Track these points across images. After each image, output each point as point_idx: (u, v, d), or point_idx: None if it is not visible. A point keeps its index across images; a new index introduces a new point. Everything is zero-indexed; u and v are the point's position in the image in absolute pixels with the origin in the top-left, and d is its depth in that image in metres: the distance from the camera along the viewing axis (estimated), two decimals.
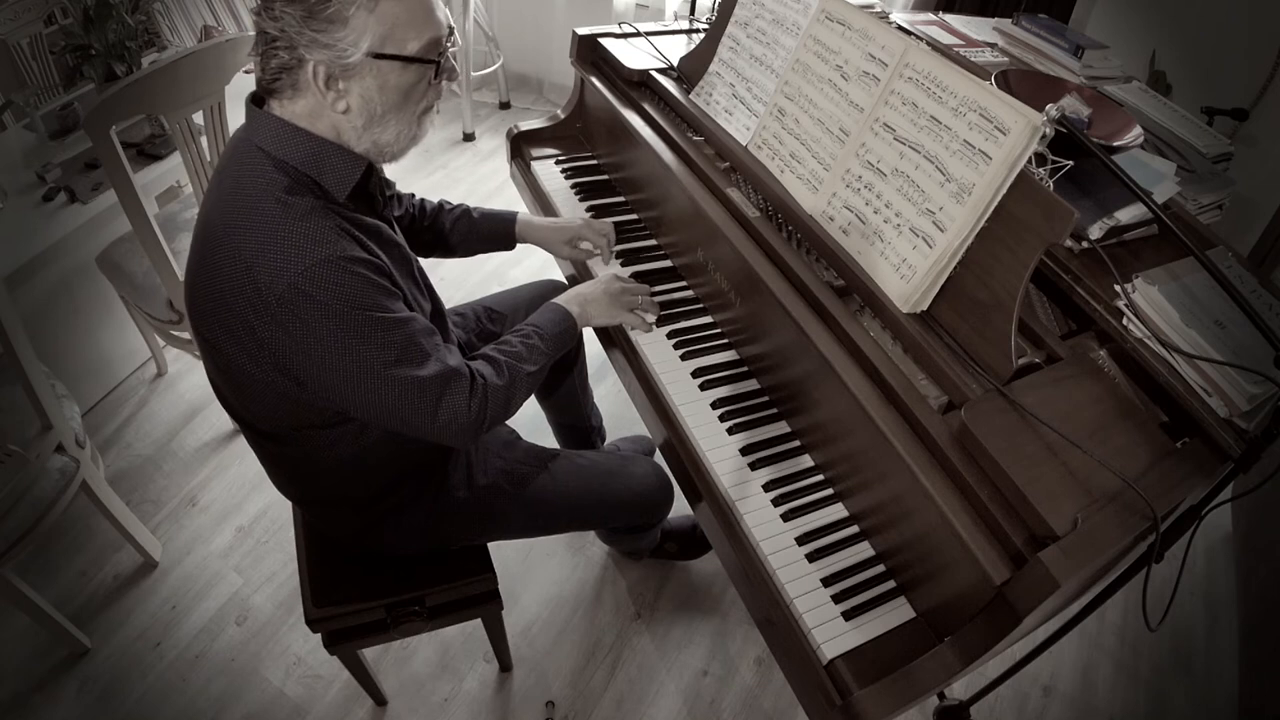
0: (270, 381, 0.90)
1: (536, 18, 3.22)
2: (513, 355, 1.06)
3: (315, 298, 0.83)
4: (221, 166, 0.92)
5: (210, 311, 0.88)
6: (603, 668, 1.57)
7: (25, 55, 1.80)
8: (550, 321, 1.15)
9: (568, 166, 1.67)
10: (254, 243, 0.83)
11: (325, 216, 0.87)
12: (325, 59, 0.84)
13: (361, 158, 0.93)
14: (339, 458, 1.04)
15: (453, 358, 0.97)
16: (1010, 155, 0.90)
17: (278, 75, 0.86)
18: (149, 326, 1.92)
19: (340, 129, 0.90)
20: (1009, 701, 1.58)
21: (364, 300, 0.86)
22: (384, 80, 0.88)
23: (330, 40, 0.83)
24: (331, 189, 0.90)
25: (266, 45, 0.85)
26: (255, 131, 0.89)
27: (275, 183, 0.86)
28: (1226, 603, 1.82)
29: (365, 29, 0.83)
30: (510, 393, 1.03)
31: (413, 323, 0.92)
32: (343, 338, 0.86)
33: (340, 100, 0.88)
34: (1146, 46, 2.29)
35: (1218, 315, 0.98)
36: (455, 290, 2.43)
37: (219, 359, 0.92)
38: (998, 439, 0.86)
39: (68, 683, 1.49)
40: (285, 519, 1.78)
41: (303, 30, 0.82)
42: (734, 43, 1.37)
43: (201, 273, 0.88)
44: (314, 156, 0.89)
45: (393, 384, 0.90)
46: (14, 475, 1.30)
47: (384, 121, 0.91)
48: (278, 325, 0.84)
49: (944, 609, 0.93)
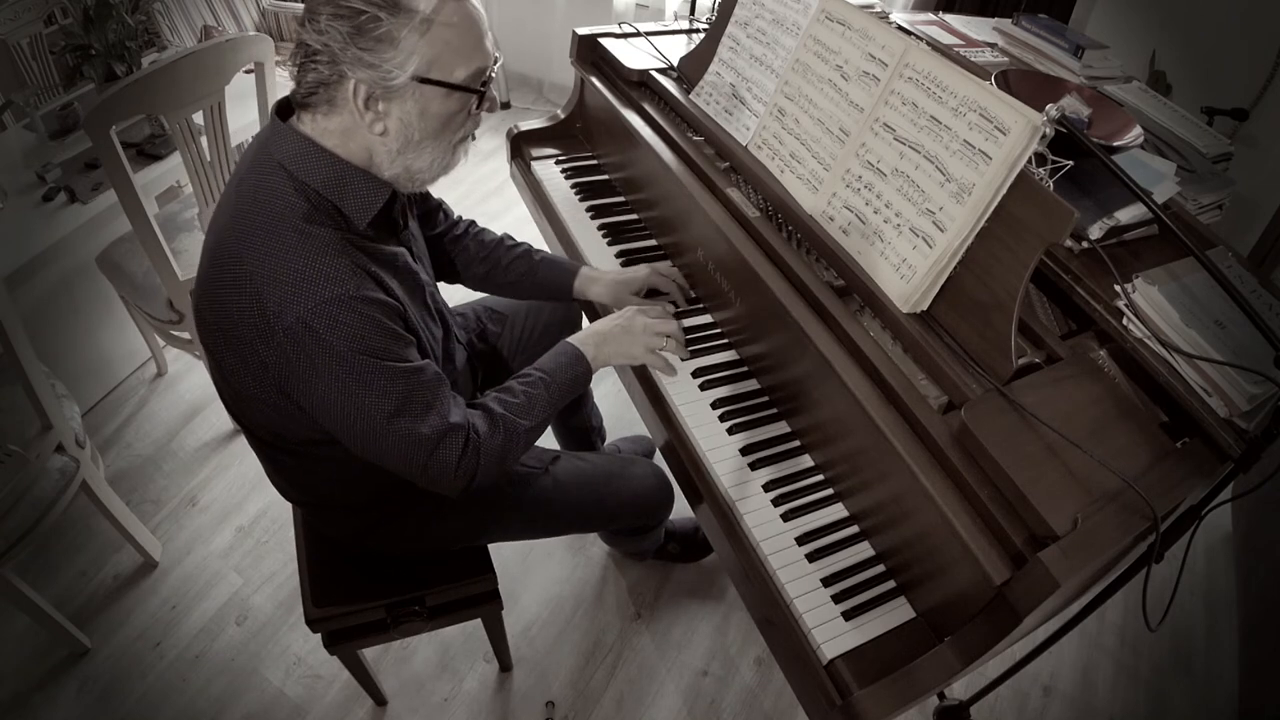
0: (271, 400, 0.90)
1: (536, 18, 3.22)
2: (512, 408, 1.01)
3: (322, 336, 0.81)
4: (240, 176, 0.89)
5: (216, 327, 0.87)
6: (603, 668, 1.57)
7: (25, 55, 1.80)
8: (560, 366, 1.08)
9: (568, 166, 1.67)
10: (267, 270, 0.81)
11: (343, 252, 0.84)
12: (368, 78, 0.81)
13: (386, 184, 0.90)
14: (339, 465, 1.03)
15: (455, 413, 0.93)
16: (1010, 155, 0.90)
17: (315, 89, 0.84)
18: (149, 326, 1.92)
19: (373, 151, 0.88)
20: (1009, 701, 1.58)
21: (371, 345, 0.84)
22: (425, 106, 0.85)
23: (376, 60, 0.80)
24: (352, 215, 0.88)
25: (306, 57, 0.82)
26: (279, 146, 0.87)
27: (295, 208, 0.84)
28: (1226, 603, 1.82)
29: (414, 52, 0.81)
30: (505, 450, 0.98)
31: (420, 374, 0.89)
32: (345, 380, 0.84)
33: (378, 122, 0.85)
34: (1146, 46, 2.29)
35: (1218, 315, 0.98)
36: (456, 290, 2.43)
37: (222, 368, 0.92)
38: (998, 439, 0.86)
39: (68, 683, 1.49)
40: (285, 519, 1.78)
41: (348, 46, 0.80)
42: (734, 43, 1.37)
43: (211, 287, 0.86)
44: (337, 181, 0.87)
45: (387, 434, 0.88)
46: (14, 475, 1.30)
47: (420, 148, 0.89)
48: (281, 355, 0.83)
49: (944, 609, 0.93)
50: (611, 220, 1.54)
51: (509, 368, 1.43)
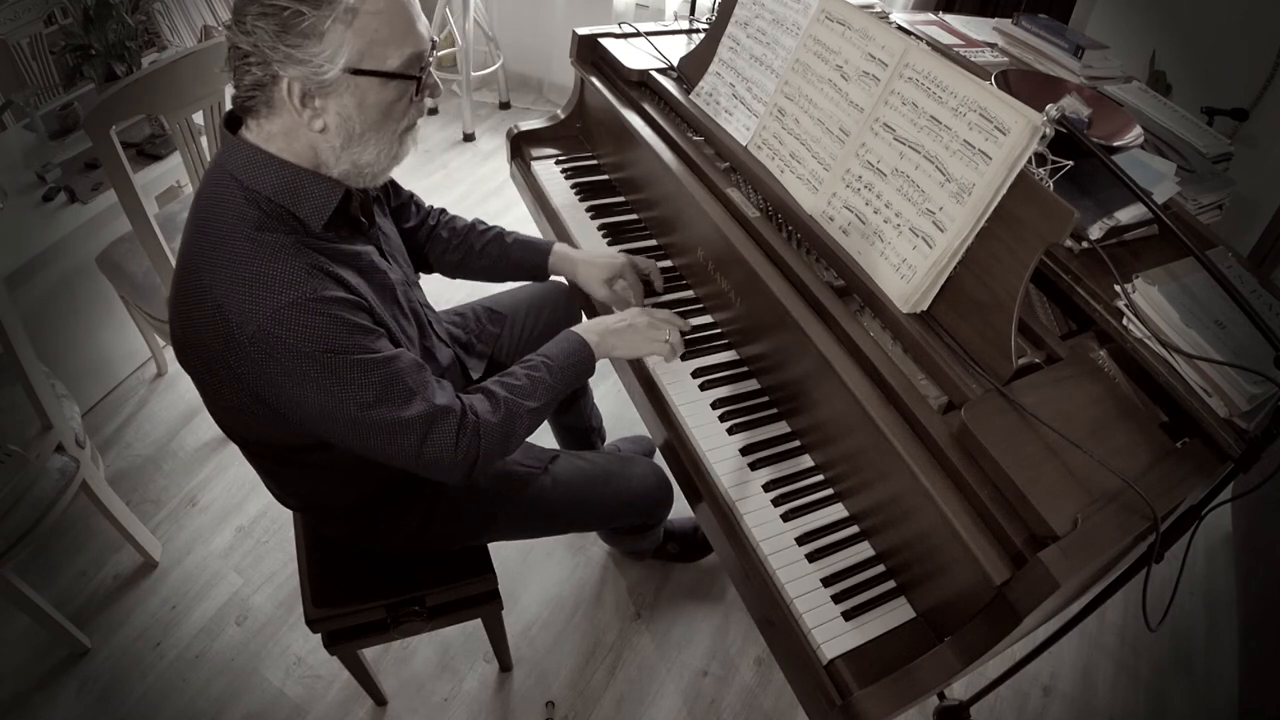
0: (254, 411, 0.90)
1: (536, 18, 3.22)
2: (514, 390, 1.01)
3: (285, 340, 0.81)
4: (199, 192, 0.90)
5: (187, 344, 0.87)
6: (603, 668, 1.57)
7: (25, 55, 1.80)
8: (563, 352, 1.08)
9: (568, 166, 1.67)
10: (224, 282, 0.81)
11: (297, 254, 0.84)
12: (300, 75, 0.80)
13: (338, 183, 0.90)
14: (333, 469, 1.03)
15: (441, 395, 0.93)
16: (1010, 155, 0.90)
17: (252, 93, 0.83)
18: (149, 326, 1.92)
19: (318, 149, 0.87)
20: (1009, 701, 1.58)
21: (337, 342, 0.83)
22: (362, 98, 0.84)
23: (305, 56, 0.79)
24: (307, 219, 0.88)
25: (239, 61, 0.82)
26: (229, 158, 0.86)
27: (246, 218, 0.83)
28: (1226, 603, 1.82)
29: (342, 43, 0.80)
30: (507, 430, 0.98)
31: (395, 361, 0.89)
32: (318, 379, 0.83)
33: (317, 119, 0.84)
34: (1146, 46, 2.29)
35: (1218, 315, 0.98)
36: (455, 290, 2.42)
37: (201, 384, 0.92)
38: (998, 439, 0.86)
39: (68, 683, 1.49)
40: (285, 519, 1.78)
41: (276, 45, 0.79)
42: (734, 43, 1.37)
43: (178, 305, 0.86)
44: (288, 186, 0.86)
45: (372, 425, 0.87)
46: (14, 475, 1.30)
47: (363, 141, 0.88)
48: (251, 364, 0.82)
49: (944, 609, 0.93)
50: (611, 220, 1.54)
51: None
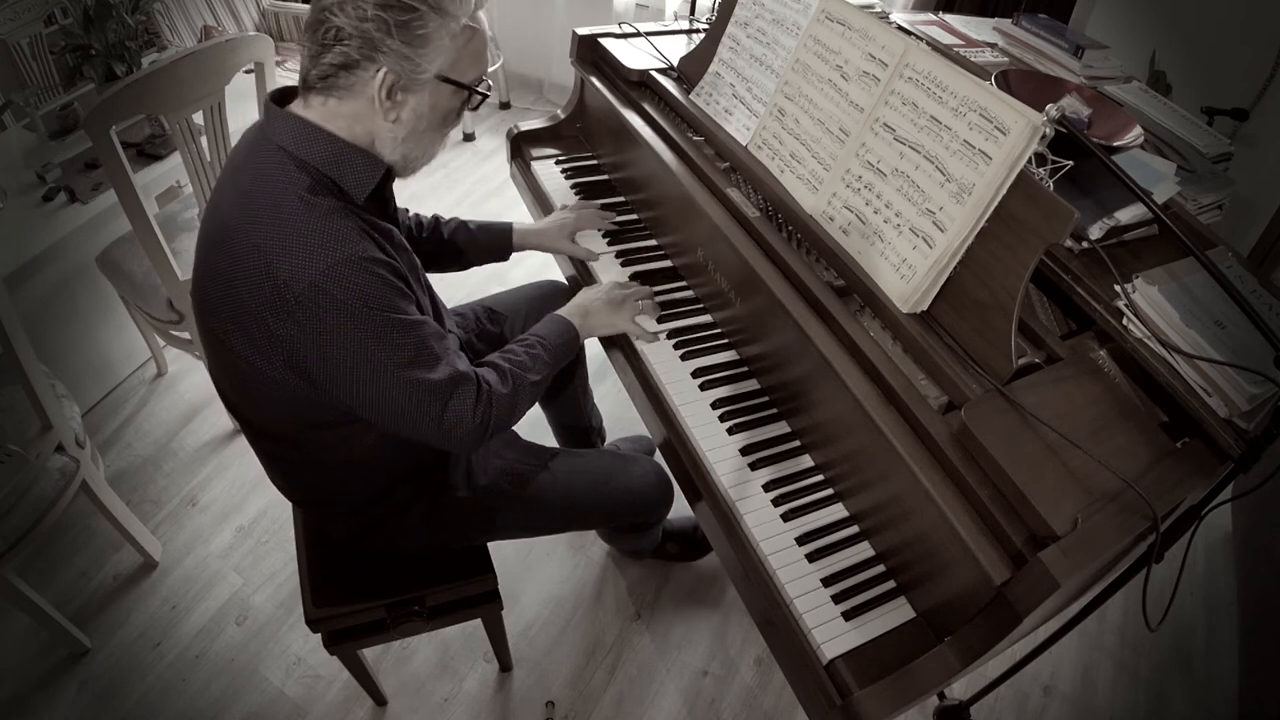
0: (279, 378, 0.90)
1: (536, 18, 3.22)
2: (517, 364, 1.07)
3: (335, 296, 0.84)
4: (237, 165, 0.92)
5: (222, 306, 0.88)
6: (603, 668, 1.57)
7: (25, 55, 1.80)
8: (553, 332, 1.16)
9: (568, 166, 1.67)
10: (276, 240, 0.83)
11: (347, 217, 0.88)
12: (400, 70, 0.86)
13: (381, 161, 0.94)
14: (339, 459, 1.04)
15: (461, 363, 0.98)
16: (1010, 155, 0.90)
17: (333, 72, 0.86)
18: (149, 326, 1.92)
19: (378, 136, 0.92)
20: (1009, 701, 1.58)
21: (382, 301, 0.87)
22: (436, 100, 0.92)
23: (413, 54, 0.86)
24: (351, 191, 0.91)
25: (333, 39, 0.84)
26: (276, 131, 0.89)
27: (298, 181, 0.87)
28: (1226, 603, 1.82)
29: (442, 52, 0.88)
30: (514, 400, 1.03)
31: (425, 326, 0.93)
32: (359, 337, 0.86)
33: (394, 111, 0.90)
34: (1146, 46, 2.29)
35: (1218, 315, 0.98)
36: (455, 290, 2.43)
37: (226, 355, 0.92)
38: (998, 439, 0.86)
39: (68, 683, 1.49)
40: (285, 519, 1.78)
41: (390, 38, 0.84)
42: (734, 43, 1.37)
43: (215, 267, 0.88)
44: (335, 158, 0.90)
45: (403, 385, 0.90)
46: (14, 475, 1.30)
47: (421, 138, 0.94)
48: (294, 322, 0.84)
49: (944, 609, 0.93)
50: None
51: None
